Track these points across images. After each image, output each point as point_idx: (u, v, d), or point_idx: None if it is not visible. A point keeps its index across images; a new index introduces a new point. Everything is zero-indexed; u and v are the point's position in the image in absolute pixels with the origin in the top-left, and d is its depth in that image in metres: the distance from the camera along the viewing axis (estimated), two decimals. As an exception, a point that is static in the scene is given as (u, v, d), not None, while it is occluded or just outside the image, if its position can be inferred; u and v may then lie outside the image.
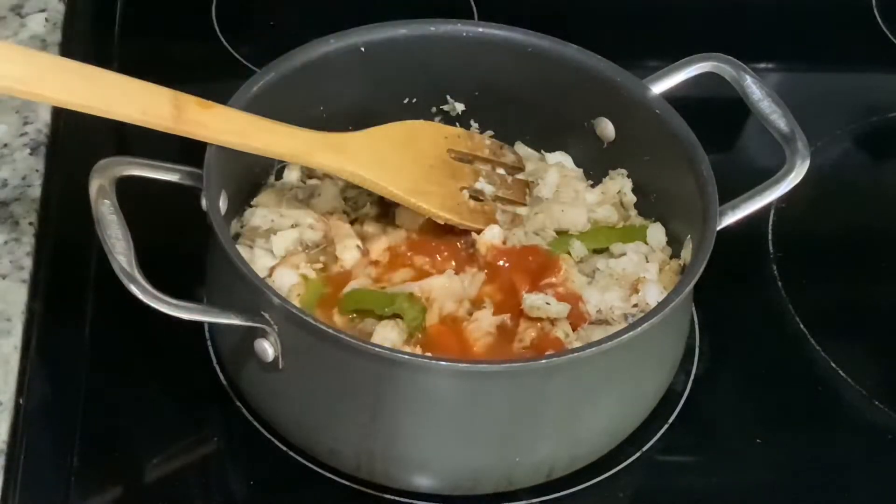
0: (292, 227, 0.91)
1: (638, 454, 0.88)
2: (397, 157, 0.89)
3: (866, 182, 1.14)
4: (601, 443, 0.86)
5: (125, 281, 0.75)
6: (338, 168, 0.87)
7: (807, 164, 0.87)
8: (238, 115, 0.83)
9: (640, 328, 0.78)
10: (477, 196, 0.93)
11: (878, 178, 1.15)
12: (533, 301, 0.86)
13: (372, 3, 1.05)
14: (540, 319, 0.86)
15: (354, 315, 0.86)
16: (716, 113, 0.99)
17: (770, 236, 1.04)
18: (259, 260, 0.89)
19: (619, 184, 0.97)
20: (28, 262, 0.91)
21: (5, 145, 0.99)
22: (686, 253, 0.90)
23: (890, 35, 1.24)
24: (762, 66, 1.18)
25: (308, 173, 0.96)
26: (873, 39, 1.24)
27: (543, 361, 0.78)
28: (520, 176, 0.96)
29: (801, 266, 1.02)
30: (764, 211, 0.91)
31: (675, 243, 0.93)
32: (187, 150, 0.83)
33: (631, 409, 0.86)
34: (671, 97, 0.92)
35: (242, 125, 0.83)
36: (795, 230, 1.05)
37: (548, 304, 0.86)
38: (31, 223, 0.94)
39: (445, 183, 0.91)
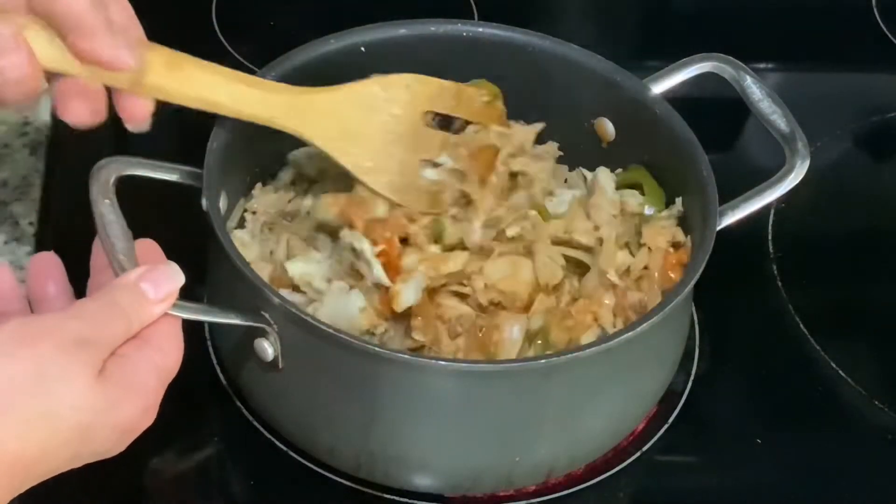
0: (292, 227, 0.91)
1: (638, 454, 0.89)
2: (362, 123, 0.87)
3: (866, 182, 1.14)
4: (601, 443, 0.86)
5: (125, 281, 0.75)
6: (297, 133, 0.85)
7: (807, 164, 0.87)
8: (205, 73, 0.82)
9: (640, 328, 0.78)
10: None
11: (878, 178, 1.15)
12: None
13: (372, 3, 1.05)
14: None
15: None
16: (716, 113, 0.99)
17: (770, 236, 1.04)
18: (259, 260, 0.89)
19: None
20: (28, 262, 0.91)
21: (5, 145, 0.99)
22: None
23: (890, 35, 1.24)
24: (762, 66, 1.18)
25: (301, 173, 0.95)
26: (873, 39, 1.24)
27: (543, 361, 0.78)
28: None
29: (801, 266, 1.02)
30: (764, 211, 0.91)
31: (674, 244, 0.92)
32: (187, 150, 0.83)
33: (631, 409, 0.86)
34: (671, 97, 0.92)
35: (210, 81, 0.81)
36: (795, 230, 1.05)
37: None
38: (31, 223, 0.94)
39: (404, 157, 0.89)
